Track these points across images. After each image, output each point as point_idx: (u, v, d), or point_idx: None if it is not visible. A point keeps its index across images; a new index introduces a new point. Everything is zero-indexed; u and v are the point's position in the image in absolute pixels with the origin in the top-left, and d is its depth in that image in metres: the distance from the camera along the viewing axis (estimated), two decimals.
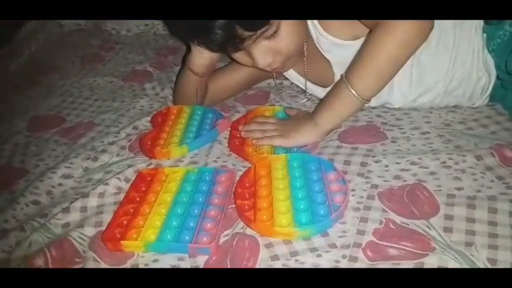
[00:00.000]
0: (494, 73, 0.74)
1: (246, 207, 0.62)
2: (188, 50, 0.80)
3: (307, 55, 0.82)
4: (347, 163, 0.68)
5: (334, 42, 0.75)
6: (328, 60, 0.79)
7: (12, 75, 1.17)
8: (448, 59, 0.73)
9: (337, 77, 0.80)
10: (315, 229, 0.56)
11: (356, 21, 0.73)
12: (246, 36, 0.65)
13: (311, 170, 0.66)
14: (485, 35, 0.73)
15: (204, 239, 0.57)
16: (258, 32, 0.66)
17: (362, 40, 0.73)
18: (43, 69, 1.16)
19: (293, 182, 0.64)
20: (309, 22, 0.76)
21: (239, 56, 0.75)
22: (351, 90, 0.67)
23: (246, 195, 0.64)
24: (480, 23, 0.73)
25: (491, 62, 0.73)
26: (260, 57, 0.71)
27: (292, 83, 0.91)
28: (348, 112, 0.71)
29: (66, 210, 0.65)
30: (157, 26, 1.31)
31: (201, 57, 0.78)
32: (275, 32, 0.69)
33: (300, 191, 0.63)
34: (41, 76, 1.13)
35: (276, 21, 0.67)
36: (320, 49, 0.78)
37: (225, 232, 0.59)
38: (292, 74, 0.88)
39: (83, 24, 1.39)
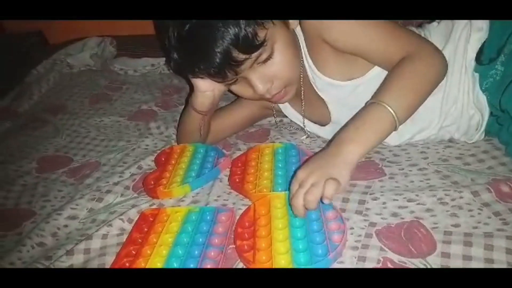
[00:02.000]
0: (487, 110, 0.75)
1: (246, 247, 0.62)
2: (191, 90, 0.83)
3: (304, 94, 0.84)
4: (345, 200, 0.69)
5: (329, 82, 0.78)
6: (323, 99, 0.81)
7: (23, 115, 1.21)
8: (440, 98, 0.75)
9: (333, 116, 0.82)
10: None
11: (351, 62, 0.75)
12: (241, 59, 0.68)
13: None
14: (477, 74, 0.75)
15: None
16: (253, 55, 0.68)
17: (355, 81, 0.76)
18: (53, 109, 1.20)
19: (292, 221, 0.65)
20: (305, 62, 0.79)
21: (239, 88, 0.77)
22: (390, 110, 0.65)
23: (246, 235, 0.65)
24: (470, 63, 0.75)
25: (483, 100, 0.75)
26: (258, 83, 0.72)
27: (292, 120, 0.94)
28: (384, 134, 0.66)
29: (70, 253, 0.66)
30: (163, 66, 1.35)
31: (204, 96, 0.80)
32: (269, 57, 0.71)
33: (299, 230, 0.64)
34: (50, 116, 1.17)
35: (269, 47, 0.70)
36: (315, 88, 0.80)
37: None
38: (290, 112, 0.91)
39: (92, 65, 1.44)
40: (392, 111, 0.65)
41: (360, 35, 0.71)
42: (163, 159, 0.88)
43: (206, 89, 0.78)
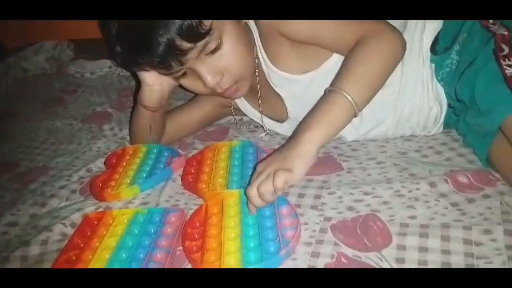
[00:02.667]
0: (445, 102, 0.74)
1: (194, 248, 0.59)
2: (138, 87, 0.79)
3: (260, 91, 0.81)
4: (301, 195, 0.66)
5: (285, 76, 0.75)
6: (280, 96, 0.78)
7: None
8: (396, 91, 0.73)
9: (290, 112, 0.80)
10: (263, 267, 0.54)
11: (305, 55, 0.73)
12: (186, 48, 0.64)
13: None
14: (433, 65, 0.73)
15: None
16: (198, 44, 0.64)
17: (310, 74, 0.74)
18: (3, 114, 1.14)
19: (245, 219, 0.62)
20: (260, 57, 0.77)
21: (189, 82, 0.73)
22: (347, 96, 0.61)
23: (196, 235, 0.61)
24: (427, 54, 0.74)
25: (441, 91, 0.74)
26: (207, 75, 0.68)
27: (251, 118, 0.91)
28: (343, 122, 0.62)
29: (5, 260, 0.61)
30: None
31: (151, 90, 0.76)
32: (218, 48, 0.67)
33: (252, 228, 0.61)
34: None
35: (217, 35, 0.66)
36: (271, 84, 0.78)
37: None
38: (248, 110, 0.88)
39: (48, 68, 1.38)
40: (349, 97, 0.61)
41: (316, 23, 0.69)
42: (114, 161, 0.83)
43: (153, 83, 0.74)
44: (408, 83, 0.74)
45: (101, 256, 0.58)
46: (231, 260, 0.55)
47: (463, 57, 0.69)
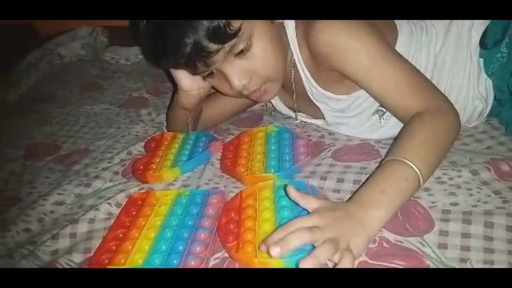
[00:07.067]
0: (491, 97, 0.73)
1: (230, 238, 0.58)
2: (175, 88, 0.80)
3: (296, 94, 0.80)
4: (340, 180, 0.67)
5: (329, 96, 0.74)
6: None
7: (11, 104, 1.19)
8: (443, 89, 0.70)
9: (328, 119, 0.78)
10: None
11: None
12: (213, 49, 0.62)
13: None
14: (481, 60, 0.72)
15: (193, 262, 0.55)
16: (226, 45, 0.63)
17: (356, 93, 0.72)
18: (42, 99, 1.18)
19: (281, 211, 0.60)
20: (301, 73, 0.74)
21: (216, 82, 0.72)
22: (416, 169, 0.56)
23: (231, 225, 0.61)
24: (475, 50, 0.72)
25: (488, 87, 0.72)
26: (234, 77, 0.66)
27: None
28: (409, 196, 0.57)
29: (55, 237, 0.64)
30: None
31: (188, 95, 0.76)
32: (247, 49, 0.65)
33: (287, 220, 0.56)
34: (39, 105, 1.14)
35: (246, 37, 0.64)
36: (311, 97, 0.76)
37: (216, 255, 0.58)
38: (281, 107, 0.87)
39: (83, 54, 1.42)
40: (419, 173, 0.57)
41: (379, 76, 0.65)
42: (153, 145, 0.85)
43: (190, 88, 0.74)
44: (455, 80, 0.72)
45: (147, 235, 0.61)
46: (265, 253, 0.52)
47: None
